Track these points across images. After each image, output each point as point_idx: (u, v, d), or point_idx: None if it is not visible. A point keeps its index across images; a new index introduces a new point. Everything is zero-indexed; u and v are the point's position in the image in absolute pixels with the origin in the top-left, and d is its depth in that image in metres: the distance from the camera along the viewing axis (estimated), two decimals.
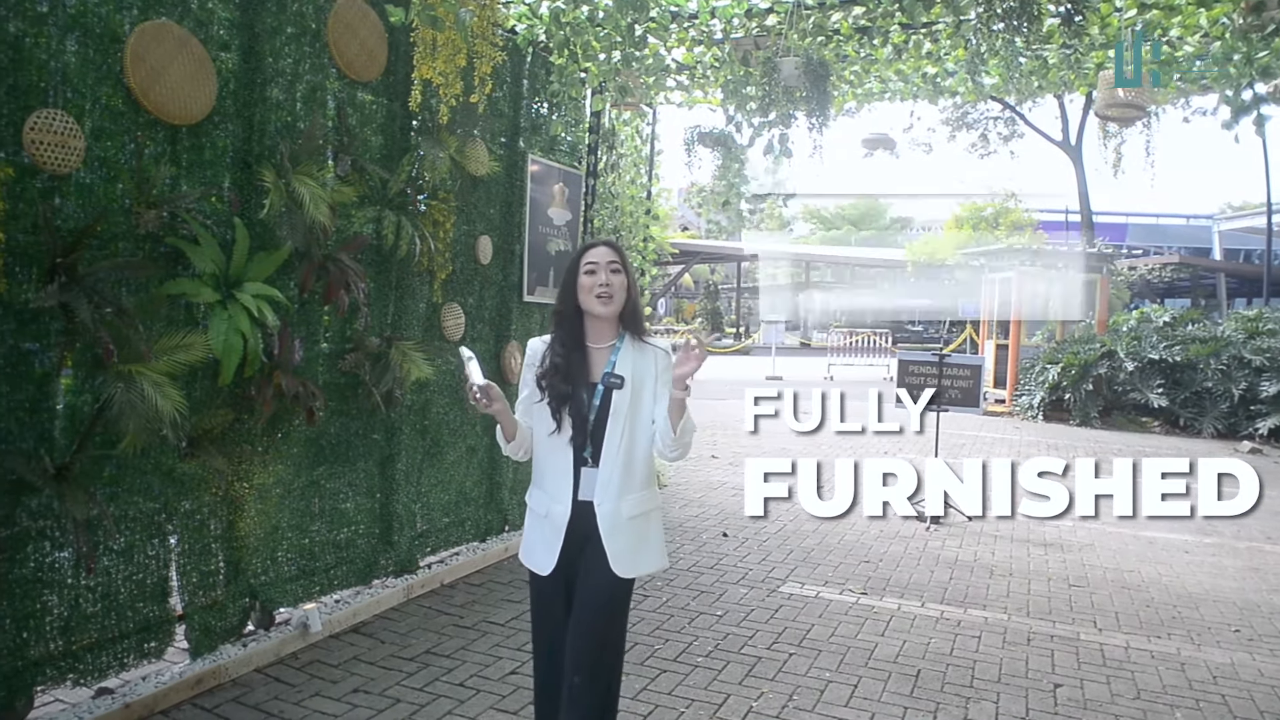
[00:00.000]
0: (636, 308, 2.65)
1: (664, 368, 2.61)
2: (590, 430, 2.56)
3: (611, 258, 2.60)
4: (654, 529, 2.67)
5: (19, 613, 3.10)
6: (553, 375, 2.60)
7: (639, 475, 2.59)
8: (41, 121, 3.01)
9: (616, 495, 2.54)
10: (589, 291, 2.57)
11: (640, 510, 2.60)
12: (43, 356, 3.14)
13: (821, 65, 4.55)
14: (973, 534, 6.61)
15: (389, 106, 4.54)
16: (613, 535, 2.54)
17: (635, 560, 2.59)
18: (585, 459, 2.57)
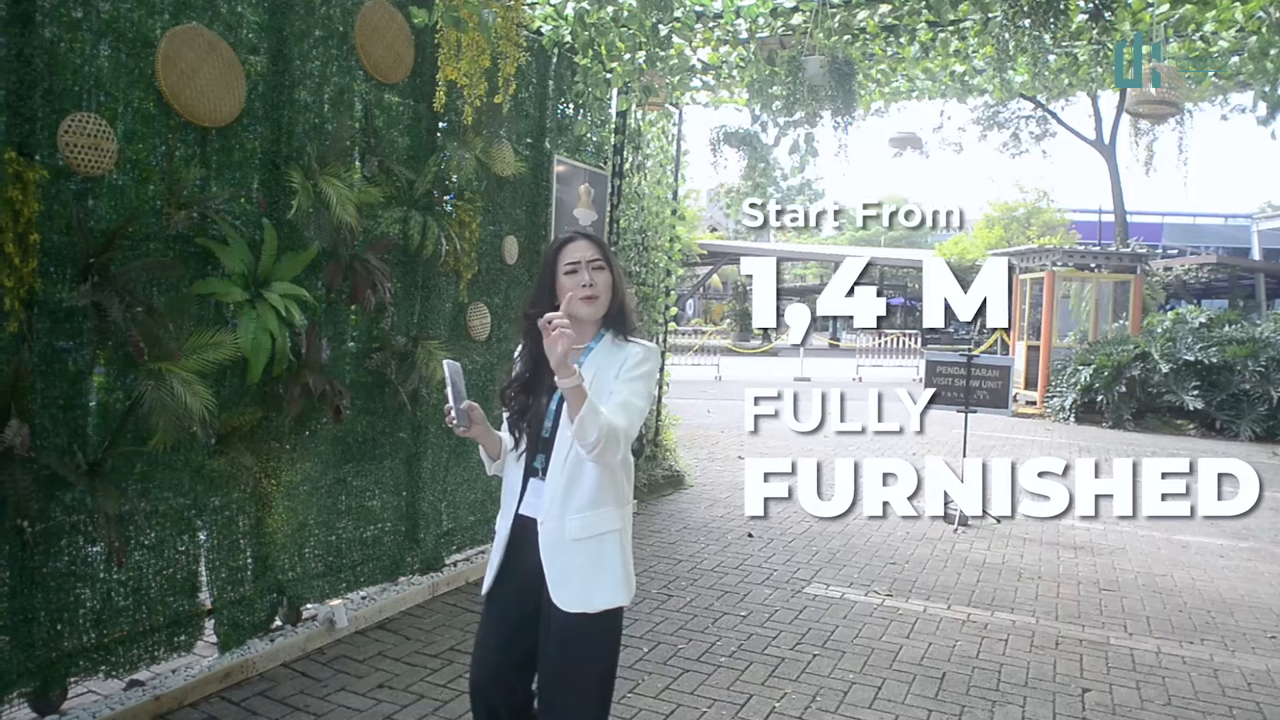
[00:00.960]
0: (624, 306, 2.36)
1: (631, 365, 2.27)
2: (544, 439, 2.30)
3: (593, 254, 2.32)
4: (609, 555, 2.27)
5: (53, 605, 3.16)
6: (516, 388, 2.37)
7: (589, 490, 2.24)
8: (75, 124, 3.07)
9: (560, 512, 2.23)
10: (572, 294, 2.28)
11: (590, 532, 2.24)
12: (76, 355, 3.20)
13: (847, 64, 4.53)
14: (1001, 536, 6.55)
15: (415, 108, 4.57)
16: (553, 558, 2.22)
17: (582, 591, 2.22)
18: (535, 470, 2.31)
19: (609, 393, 2.23)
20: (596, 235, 2.43)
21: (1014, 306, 17.06)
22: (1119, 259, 16.49)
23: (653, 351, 2.34)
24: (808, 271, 58.70)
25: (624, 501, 2.34)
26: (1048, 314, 15.27)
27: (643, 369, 2.28)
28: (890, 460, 9.29)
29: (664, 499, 7.33)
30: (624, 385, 2.25)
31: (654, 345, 2.38)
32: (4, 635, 3.02)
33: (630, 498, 2.39)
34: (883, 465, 4.66)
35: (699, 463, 8.93)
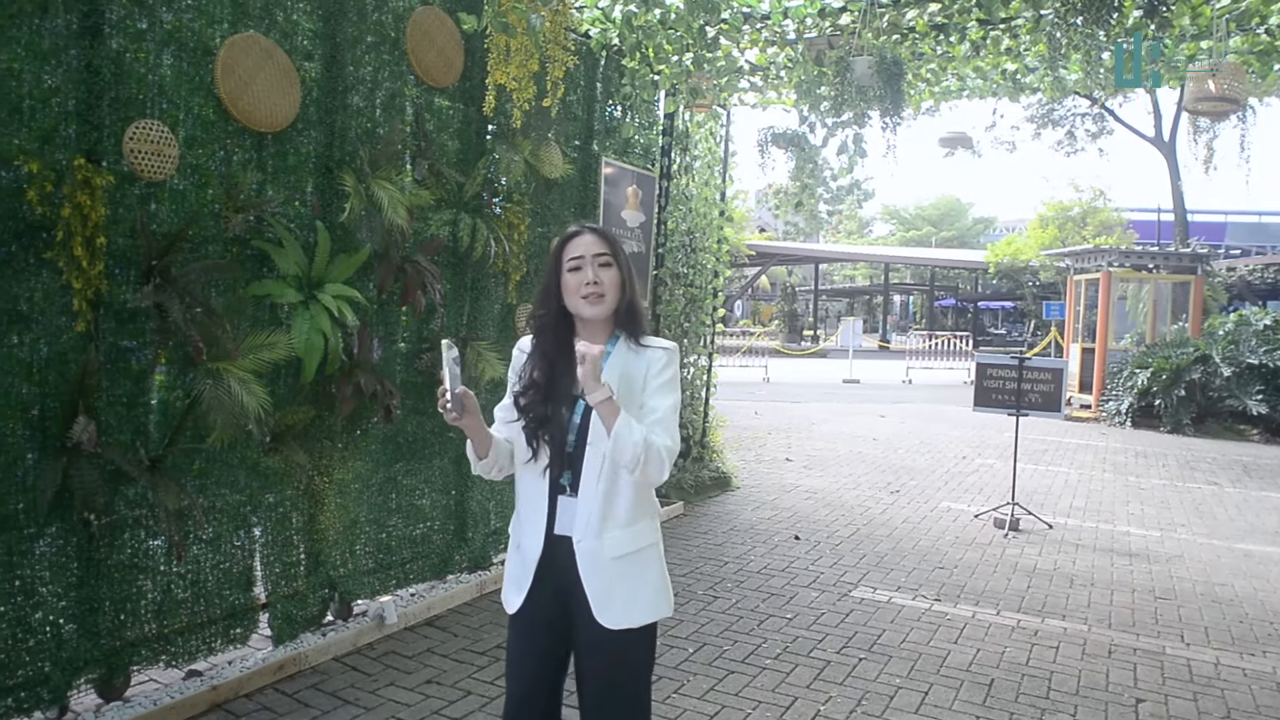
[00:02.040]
0: (634, 305, 2.24)
1: (656, 371, 2.19)
2: (569, 453, 2.17)
3: (599, 248, 2.18)
4: (650, 571, 2.22)
5: (117, 596, 3.27)
6: (532, 394, 2.21)
7: (626, 507, 2.16)
8: (140, 131, 3.17)
9: (598, 531, 2.14)
10: (574, 292, 2.17)
11: (628, 549, 2.17)
12: (139, 354, 3.31)
13: (895, 64, 4.49)
14: (1052, 542, 6.43)
15: (465, 111, 4.64)
16: (593, 578, 2.14)
17: (624, 608, 2.15)
18: (563, 486, 2.19)
19: (638, 405, 2.16)
20: (606, 228, 2.29)
21: (1068, 308, 16.74)
22: (1179, 259, 16.07)
23: (673, 352, 2.25)
24: (857, 273, 58.19)
25: (656, 513, 2.30)
26: (1103, 316, 14.95)
27: (668, 374, 2.20)
28: (938, 462, 9.22)
29: (711, 500, 7.32)
30: (656, 399, 2.17)
31: (672, 344, 2.26)
32: (72, 624, 3.14)
33: (659, 508, 2.33)
34: (932, 467, 4.58)
35: (746, 464, 8.91)
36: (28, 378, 2.97)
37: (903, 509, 7.36)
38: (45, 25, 2.93)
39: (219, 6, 3.45)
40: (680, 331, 7.06)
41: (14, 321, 2.93)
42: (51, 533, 3.08)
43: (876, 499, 7.72)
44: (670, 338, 6.83)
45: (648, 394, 2.17)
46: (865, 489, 8.14)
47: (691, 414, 7.43)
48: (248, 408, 3.38)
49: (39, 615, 3.05)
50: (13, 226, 2.89)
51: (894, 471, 9.10)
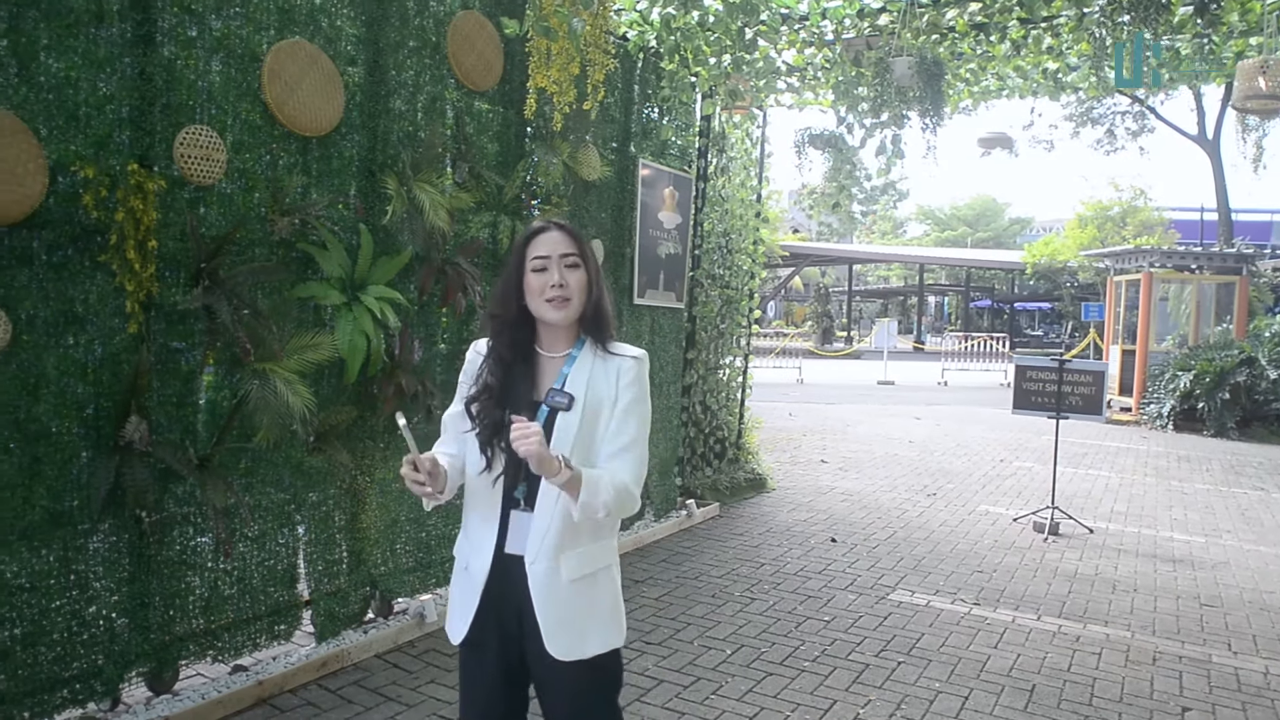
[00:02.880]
0: (601, 309, 2.06)
1: (627, 384, 2.01)
2: (524, 464, 1.90)
3: (567, 247, 2.01)
4: (604, 594, 2.04)
5: (167, 591, 3.34)
6: (485, 399, 2.03)
7: (590, 526, 1.98)
8: (189, 137, 3.23)
9: (554, 550, 1.95)
10: (538, 294, 1.99)
11: (587, 570, 2.00)
12: (188, 355, 3.37)
13: (936, 64, 4.45)
14: (1094, 547, 6.35)
15: (504, 114, 4.67)
16: (547, 603, 1.95)
17: (579, 637, 1.97)
18: (516, 500, 2.01)
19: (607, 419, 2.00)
20: (572, 225, 2.13)
21: (1108, 309, 16.49)
22: (1222, 260, 15.76)
23: (643, 361, 2.07)
24: (891, 273, 57.75)
25: (613, 532, 2.12)
26: (1144, 317, 14.72)
27: (637, 388, 2.03)
28: (975, 465, 9.14)
29: (746, 502, 7.31)
30: (625, 420, 2.00)
31: (642, 352, 2.09)
32: (124, 618, 3.21)
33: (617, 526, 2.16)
34: (969, 470, 4.54)
35: (781, 466, 8.88)
36: (82, 378, 3.04)
37: (940, 512, 7.30)
38: (101, 34, 3.00)
39: (266, 14, 3.51)
40: (716, 333, 7.06)
41: (70, 323, 3.00)
42: (104, 529, 3.14)
43: (913, 502, 7.67)
44: (706, 339, 6.83)
45: (617, 410, 2.00)
46: (901, 491, 8.09)
47: (727, 415, 7.42)
48: (293, 408, 3.44)
49: (92, 609, 3.12)
50: (69, 231, 2.96)
51: (930, 474, 9.03)
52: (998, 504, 7.70)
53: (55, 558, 3.01)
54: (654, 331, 6.16)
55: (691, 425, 6.90)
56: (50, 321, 2.94)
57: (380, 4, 3.96)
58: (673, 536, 6.19)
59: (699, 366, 6.86)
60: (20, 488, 2.89)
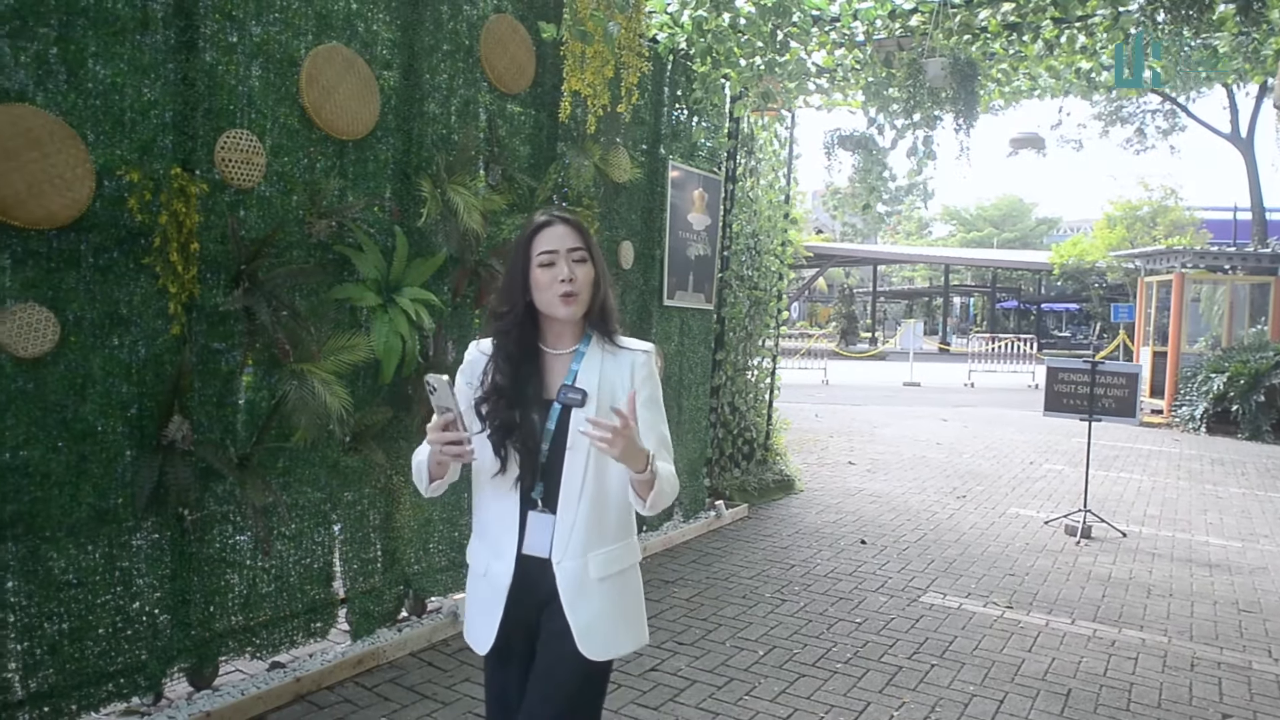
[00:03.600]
0: (607, 305, 2.02)
1: (644, 378, 1.99)
2: (543, 464, 1.94)
3: (574, 241, 1.96)
4: (631, 592, 2.02)
5: (207, 589, 3.39)
6: (495, 399, 1.96)
7: (612, 522, 1.96)
8: (230, 141, 3.29)
9: (581, 549, 1.92)
10: (546, 289, 1.94)
11: (614, 569, 1.96)
12: (227, 355, 3.42)
13: (969, 65, 4.43)
14: (1127, 551, 6.28)
15: (536, 117, 4.70)
16: (578, 604, 1.91)
17: (610, 636, 1.94)
18: (534, 501, 1.95)
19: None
20: (579, 218, 2.05)
21: (1138, 310, 16.30)
22: (1257, 260, 15.54)
23: (653, 355, 2.05)
24: (916, 274, 57.38)
25: (635, 529, 2.07)
26: (1176, 318, 14.54)
27: (653, 383, 2.02)
28: (1005, 467, 9.07)
29: (774, 503, 7.30)
30: (650, 413, 1.97)
31: (651, 345, 2.06)
32: (166, 614, 3.26)
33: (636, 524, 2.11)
34: (998, 472, 4.50)
35: (808, 467, 8.85)
36: (127, 378, 3.09)
37: (970, 514, 7.25)
38: (145, 40, 3.06)
39: (304, 19, 3.56)
40: (744, 334, 7.05)
41: (115, 324, 3.05)
42: (147, 527, 3.20)
43: (942, 504, 7.62)
44: (734, 340, 6.83)
45: (639, 405, 1.92)
46: (930, 494, 8.04)
47: (755, 416, 7.41)
48: (330, 408, 3.48)
49: (136, 605, 3.18)
50: (114, 234, 3.01)
51: (959, 476, 8.97)
52: (1028, 507, 7.64)
53: (101, 554, 3.07)
54: (683, 333, 6.17)
55: (720, 426, 6.90)
56: (96, 323, 3.00)
57: (415, 8, 4.00)
58: (702, 537, 6.19)
59: (727, 367, 6.86)
60: (68, 485, 2.95)
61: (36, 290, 2.84)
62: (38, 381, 2.87)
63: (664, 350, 5.91)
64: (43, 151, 2.77)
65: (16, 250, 2.79)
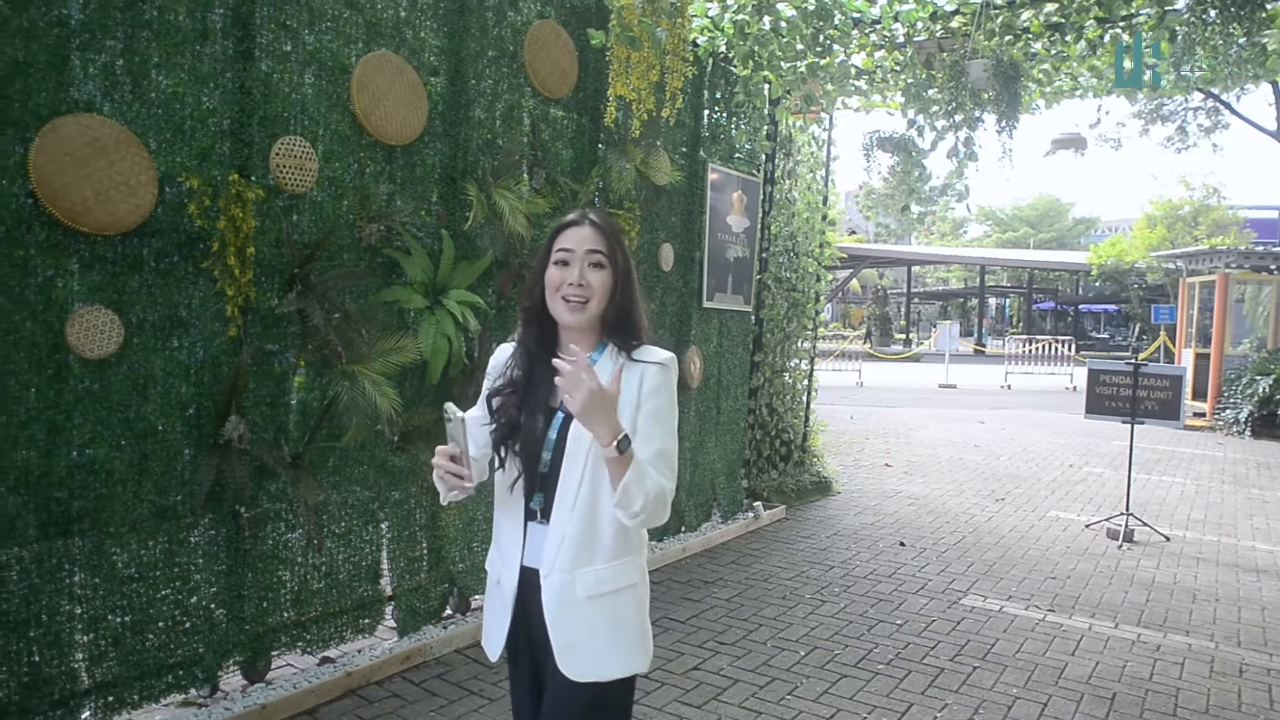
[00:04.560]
0: (626, 312, 1.89)
1: (651, 389, 1.83)
2: (543, 474, 1.86)
3: (595, 244, 1.85)
4: (627, 615, 1.88)
5: (260, 584, 3.47)
6: (507, 394, 1.89)
7: (610, 540, 1.84)
8: (284, 147, 3.37)
9: (569, 564, 1.82)
10: (555, 289, 1.85)
11: (607, 588, 1.84)
12: (280, 357, 3.50)
13: (1012, 66, 4.42)
14: (1171, 555, 6.21)
15: (578, 121, 4.75)
16: (560, 620, 1.82)
17: (596, 657, 1.83)
18: (534, 512, 1.88)
19: (631, 428, 1.79)
20: (610, 222, 1.93)
21: (1180, 311, 16.06)
22: None
23: (669, 366, 1.88)
24: (950, 275, 56.85)
25: (642, 548, 1.94)
26: (1219, 319, 14.31)
27: (664, 394, 1.85)
28: (1044, 470, 8.99)
29: (812, 505, 7.30)
30: (653, 425, 1.83)
31: (669, 355, 1.91)
32: (222, 609, 3.35)
33: (645, 541, 1.98)
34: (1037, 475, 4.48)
35: (845, 469, 8.83)
36: (186, 378, 3.18)
37: (1009, 517, 7.21)
38: (205, 51, 3.14)
39: (354, 27, 3.63)
40: (782, 335, 7.07)
41: (175, 326, 3.14)
42: (205, 524, 3.29)
43: (981, 506, 7.57)
44: (772, 342, 6.84)
45: (642, 417, 1.82)
46: (969, 496, 7.99)
47: (792, 418, 7.42)
48: (380, 408, 3.55)
49: (194, 600, 3.27)
50: (175, 238, 3.10)
51: (997, 479, 8.90)
52: (1068, 510, 7.57)
53: (161, 550, 3.16)
54: (722, 334, 6.20)
55: (758, 428, 6.92)
56: (158, 325, 3.09)
57: (461, 15, 4.07)
58: (740, 538, 6.21)
59: (765, 369, 6.87)
60: (130, 482, 3.04)
61: (102, 294, 2.94)
62: (103, 382, 2.97)
63: (703, 352, 5.93)
64: (109, 159, 2.86)
65: (84, 255, 2.89)
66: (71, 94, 2.83)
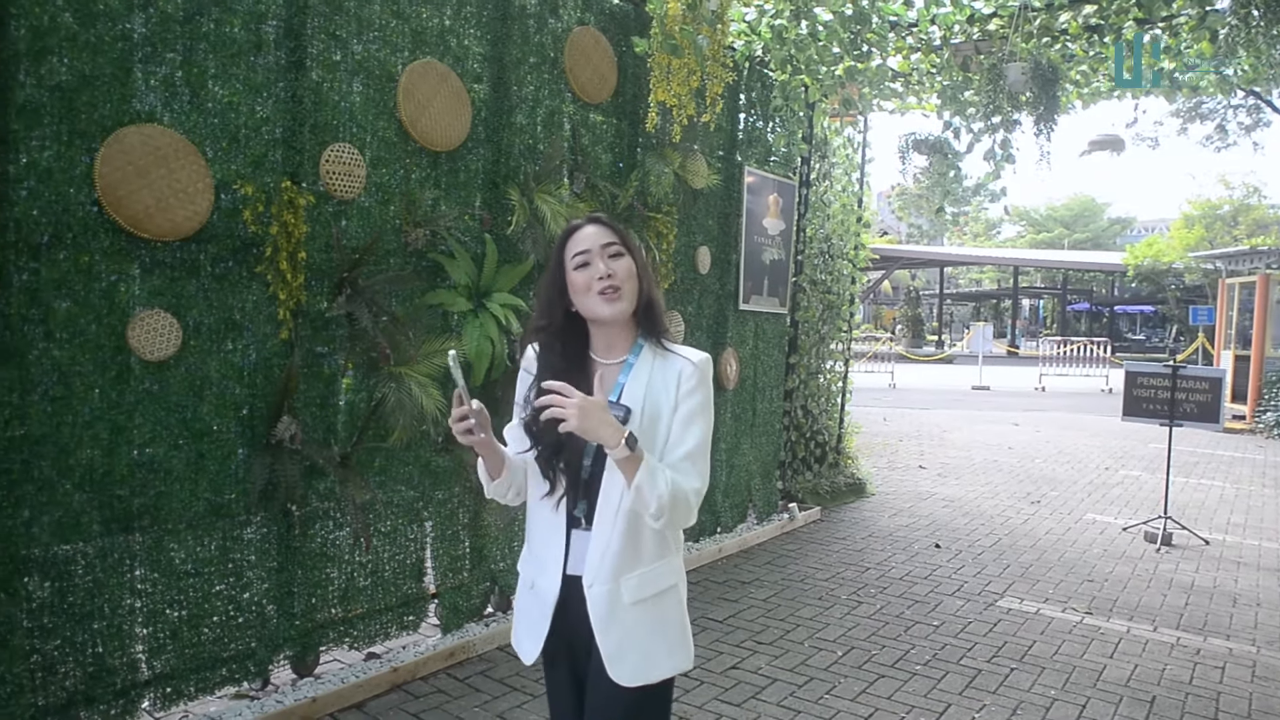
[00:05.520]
0: (653, 302, 1.91)
1: (688, 390, 1.85)
2: (585, 480, 1.86)
3: (607, 238, 1.87)
4: (670, 616, 1.90)
5: (310, 581, 3.56)
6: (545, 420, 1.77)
7: (649, 543, 1.86)
8: (334, 154, 3.46)
9: (613, 572, 1.84)
10: (586, 290, 1.84)
11: (650, 591, 1.87)
12: (329, 359, 3.59)
13: (1051, 69, 4.41)
14: (1210, 559, 6.15)
15: (617, 125, 4.81)
16: (608, 628, 1.84)
17: (641, 662, 1.85)
18: (577, 519, 1.89)
19: (665, 427, 1.83)
20: (608, 218, 1.96)
21: (1218, 313, 15.84)
22: None
23: (704, 366, 1.90)
24: (983, 275, 56.31)
25: (679, 549, 1.96)
26: (1260, 321, 14.08)
27: (699, 395, 1.86)
28: (1080, 473, 8.92)
29: (847, 506, 7.31)
30: (687, 428, 1.84)
31: (703, 355, 1.92)
32: (273, 605, 3.44)
33: (682, 542, 2.00)
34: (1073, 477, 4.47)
35: (879, 471, 8.82)
36: (239, 380, 3.28)
37: (1045, 520, 7.17)
38: (259, 61, 3.24)
39: (400, 36, 3.72)
40: (817, 337, 7.08)
41: (229, 330, 3.24)
42: (257, 521, 3.38)
43: (1016, 509, 7.54)
44: (808, 344, 6.86)
45: (677, 419, 1.84)
46: (1004, 498, 7.96)
47: (827, 420, 7.43)
48: (426, 410, 3.63)
49: (246, 595, 3.36)
50: (230, 244, 3.20)
51: (1033, 481, 8.85)
52: (1105, 512, 7.51)
53: (216, 546, 3.26)
54: (758, 337, 6.23)
55: (793, 429, 6.94)
56: (213, 328, 3.19)
57: (504, 23, 4.14)
58: (776, 539, 6.24)
59: (800, 371, 6.89)
60: (187, 481, 3.14)
61: (162, 298, 3.04)
62: (162, 383, 3.06)
63: (739, 354, 5.97)
64: (169, 168, 2.96)
65: (145, 260, 2.99)
66: (134, 105, 2.93)
